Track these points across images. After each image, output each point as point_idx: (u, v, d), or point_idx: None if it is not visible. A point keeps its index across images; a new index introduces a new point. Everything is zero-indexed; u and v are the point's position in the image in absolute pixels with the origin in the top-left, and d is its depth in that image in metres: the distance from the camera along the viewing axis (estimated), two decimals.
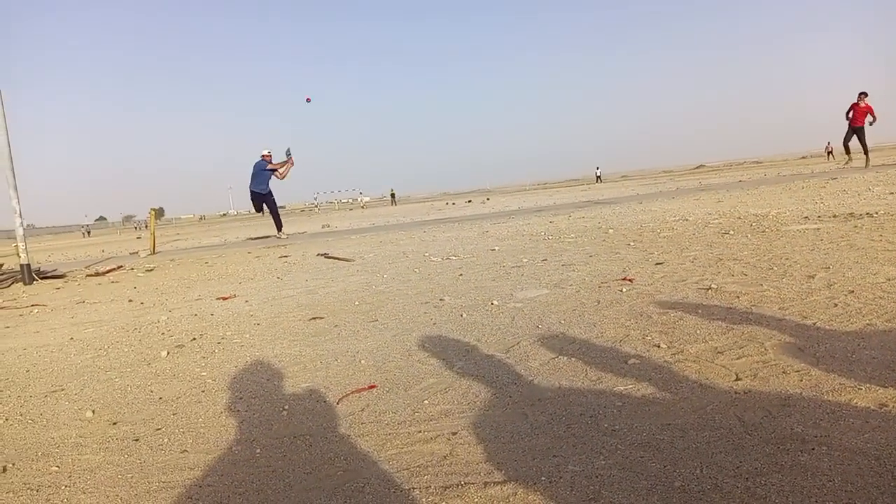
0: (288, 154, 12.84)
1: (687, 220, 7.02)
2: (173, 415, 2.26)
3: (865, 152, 15.85)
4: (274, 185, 12.59)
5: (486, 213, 14.79)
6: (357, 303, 4.06)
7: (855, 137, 15.56)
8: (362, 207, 58.55)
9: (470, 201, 31.79)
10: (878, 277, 3.00)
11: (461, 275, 4.72)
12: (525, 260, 5.16)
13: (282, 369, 2.68)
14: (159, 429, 2.12)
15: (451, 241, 7.69)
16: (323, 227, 17.23)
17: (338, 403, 2.16)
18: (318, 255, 7.76)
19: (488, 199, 32.68)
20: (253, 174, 12.50)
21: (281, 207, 14.33)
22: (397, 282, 4.78)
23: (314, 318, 3.70)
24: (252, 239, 13.11)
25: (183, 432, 2.07)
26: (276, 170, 12.49)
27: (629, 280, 3.71)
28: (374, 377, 2.42)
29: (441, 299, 3.83)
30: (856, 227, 4.78)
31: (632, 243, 5.44)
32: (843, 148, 16.21)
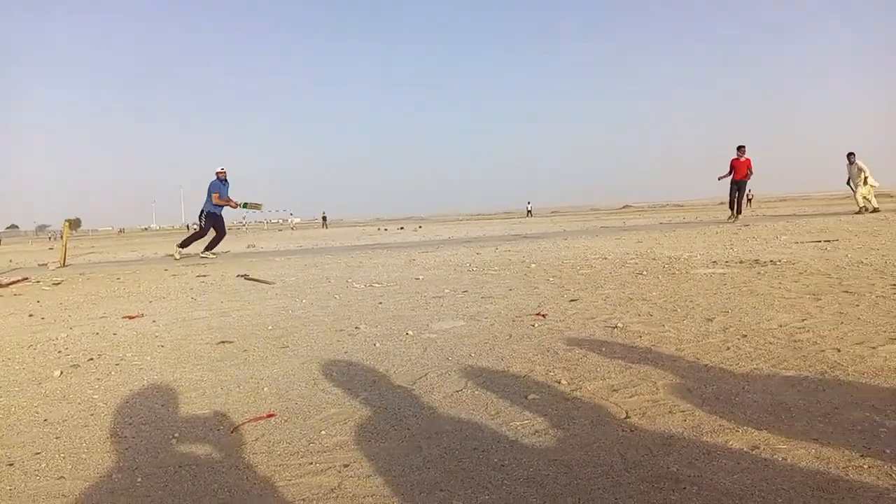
0: (245, 206, 12.30)
1: (606, 258, 7.25)
2: (56, 438, 2.14)
3: (740, 208, 15.42)
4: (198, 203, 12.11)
5: (417, 242, 14.84)
6: (270, 327, 3.98)
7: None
8: (292, 229, 57.67)
9: (402, 228, 31.84)
10: (772, 323, 3.18)
11: (381, 303, 4.70)
12: (447, 290, 5.20)
13: (180, 394, 2.59)
14: (38, 453, 2.01)
15: (377, 268, 7.66)
16: (248, 247, 16.84)
17: (232, 432, 2.11)
18: (238, 276, 7.57)
19: (420, 226, 32.80)
20: (209, 193, 11.67)
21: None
22: (315, 307, 4.72)
23: (223, 342, 3.60)
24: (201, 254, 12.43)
25: (63, 457, 1.97)
26: (224, 202, 11.70)
27: (542, 315, 3.79)
28: (274, 405, 2.37)
29: (357, 327, 3.80)
30: (759, 273, 5.06)
31: (551, 279, 5.57)
32: (729, 207, 15.60)
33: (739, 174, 15.06)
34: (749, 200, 42.76)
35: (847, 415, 1.86)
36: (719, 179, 15.34)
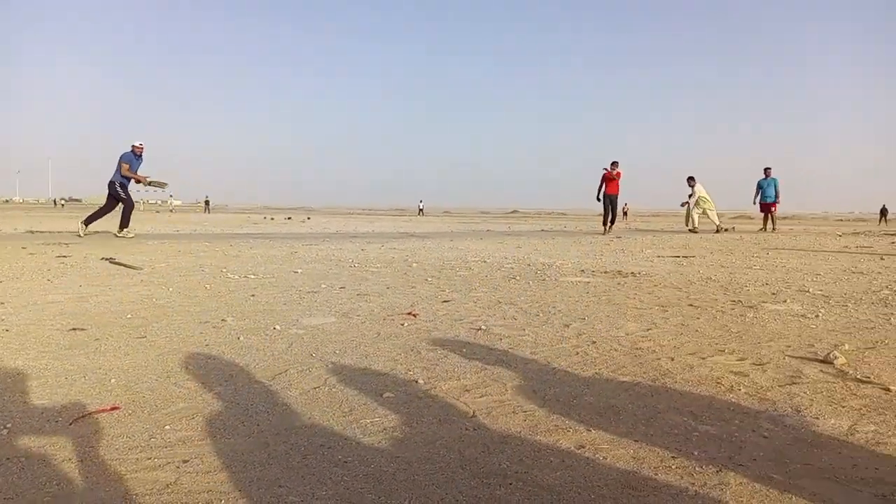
0: (151, 183, 12.11)
1: (485, 261, 7.47)
2: None
3: (612, 220, 15.91)
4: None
5: (302, 234, 14.58)
6: (130, 316, 3.79)
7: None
8: (171, 211, 54.83)
9: (290, 218, 31.10)
10: (620, 332, 3.42)
11: (253, 296, 4.61)
12: (324, 286, 5.16)
13: (18, 383, 2.43)
14: None
15: (256, 259, 7.47)
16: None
17: (71, 424, 2.01)
18: (103, 258, 7.12)
19: (309, 218, 32.22)
20: (119, 164, 11.40)
21: (77, 201, 13.11)
22: (183, 297, 4.55)
23: (74, 329, 3.39)
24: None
25: None
26: (132, 175, 11.54)
27: (413, 315, 3.87)
28: (120, 398, 2.28)
29: (223, 319, 3.70)
30: (619, 284, 5.42)
31: (429, 279, 5.68)
32: (603, 222, 16.12)
33: (612, 188, 15.65)
34: (625, 214, 45.43)
35: (667, 419, 2.05)
36: (598, 199, 15.83)
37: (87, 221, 11.61)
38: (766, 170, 18.06)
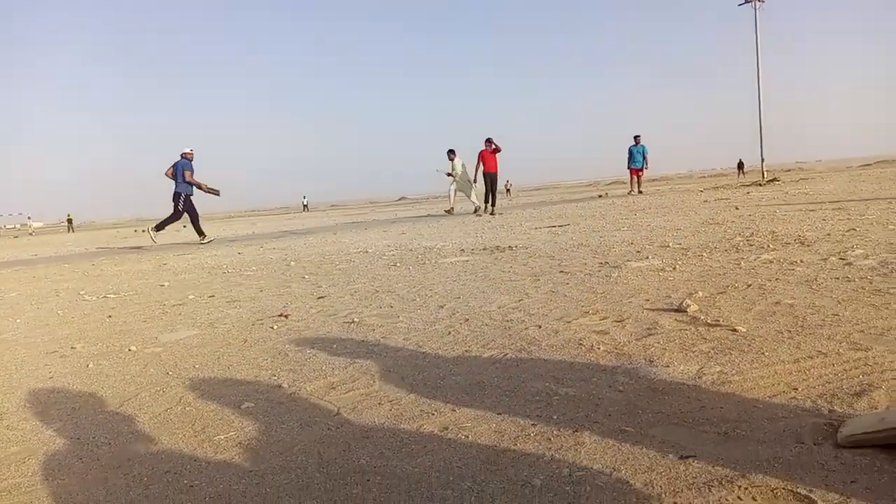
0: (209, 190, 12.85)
1: (367, 252, 7.36)
2: None
3: (493, 200, 15.43)
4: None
5: (175, 243, 13.79)
6: None
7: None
8: (30, 234, 50.42)
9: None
10: (492, 306, 3.45)
11: (110, 316, 4.26)
12: (191, 296, 4.87)
13: None
14: None
15: (119, 276, 6.96)
16: None
17: None
18: None
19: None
20: (180, 173, 12.30)
21: None
22: (30, 326, 4.14)
23: None
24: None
25: None
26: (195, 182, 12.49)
27: (285, 316, 3.71)
28: None
29: (73, 347, 3.39)
30: (496, 259, 5.49)
31: (307, 276, 5.50)
32: (484, 202, 15.72)
33: (490, 166, 15.21)
34: (508, 190, 46.57)
35: (530, 387, 2.06)
36: (474, 182, 15.53)
37: (157, 228, 12.96)
38: (636, 137, 19.09)
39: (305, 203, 60.22)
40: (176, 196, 12.37)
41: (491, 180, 15.29)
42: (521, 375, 2.19)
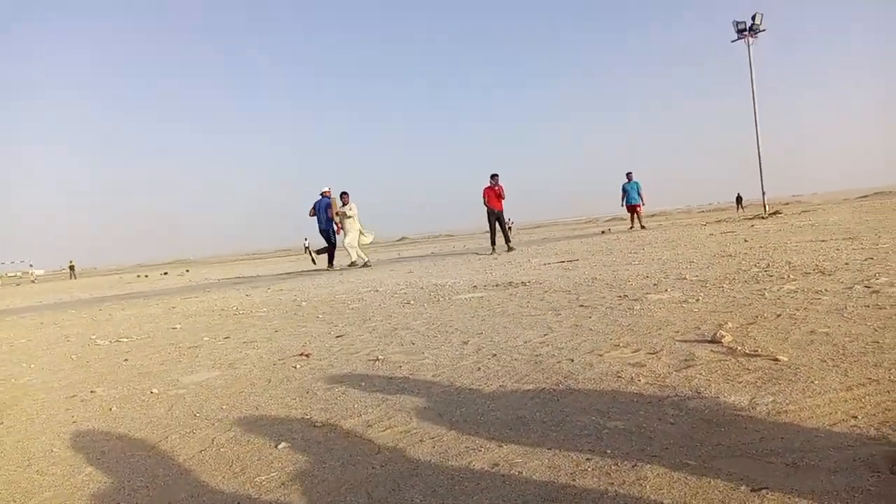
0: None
1: (377, 290, 7.32)
2: None
3: (506, 238, 14.58)
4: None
5: (182, 287, 13.75)
6: None
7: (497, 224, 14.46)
8: (33, 282, 50.33)
9: (166, 273, 29.40)
10: (518, 341, 3.40)
11: (126, 360, 4.20)
12: (206, 338, 4.82)
13: None
14: None
15: (129, 321, 6.90)
16: None
17: None
18: None
19: (188, 270, 30.60)
20: (318, 212, 13.60)
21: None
22: (45, 372, 4.08)
23: None
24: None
25: None
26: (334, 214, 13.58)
27: (306, 355, 3.66)
28: None
29: (92, 391, 3.33)
30: (511, 294, 5.45)
31: (321, 315, 5.46)
32: (490, 241, 14.95)
33: (495, 203, 14.31)
34: (509, 228, 46.49)
35: (576, 421, 2.01)
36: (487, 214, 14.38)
37: (323, 256, 14.54)
38: (628, 174, 19.19)
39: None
40: (325, 233, 13.80)
41: (497, 218, 14.50)
42: (564, 409, 2.14)
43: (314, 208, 13.71)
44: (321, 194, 13.64)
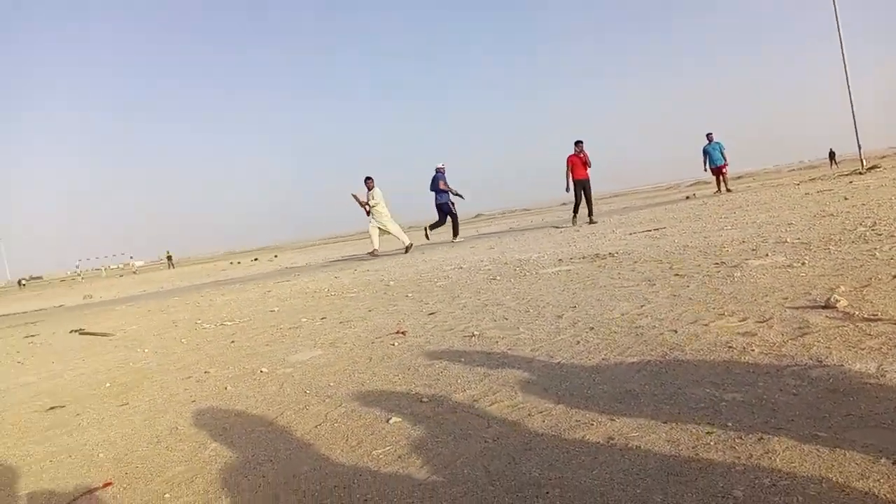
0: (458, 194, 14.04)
1: (461, 267, 7.36)
2: None
3: (590, 208, 13.75)
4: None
5: (272, 272, 14.30)
6: (108, 384, 3.59)
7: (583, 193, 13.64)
8: (134, 273, 53.64)
9: (256, 259, 30.58)
10: (614, 313, 3.34)
11: (233, 342, 4.42)
12: (304, 320, 5.00)
13: (3, 475, 2.24)
14: None
15: (229, 305, 7.25)
16: (85, 298, 15.41)
17: None
18: (71, 331, 6.84)
19: (276, 256, 31.70)
20: (436, 184, 13.67)
21: (38, 278, 13.35)
22: (160, 356, 4.35)
23: (53, 408, 3.20)
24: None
25: None
26: (449, 188, 13.71)
27: (402, 333, 3.73)
28: (112, 473, 2.11)
29: (206, 372, 3.53)
30: (600, 266, 5.35)
31: (409, 294, 5.55)
32: (573, 212, 14.11)
33: (579, 172, 13.50)
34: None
35: (689, 393, 1.96)
36: (567, 190, 13.76)
37: (431, 228, 14.46)
38: (709, 135, 18.25)
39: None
40: (441, 206, 13.85)
41: (582, 187, 13.62)
42: (674, 382, 2.09)
43: (433, 182, 14.03)
44: (436, 169, 13.84)
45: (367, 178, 13.25)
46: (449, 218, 14.08)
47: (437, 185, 13.76)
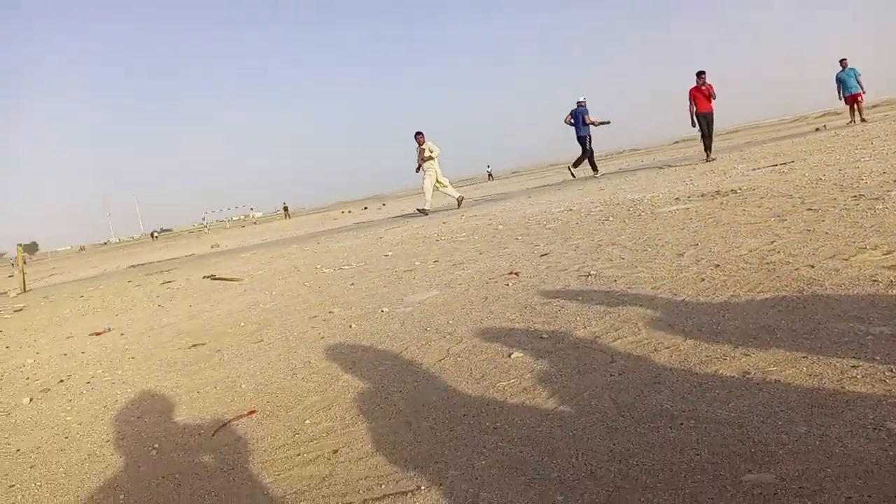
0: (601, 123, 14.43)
1: (571, 210, 7.23)
2: (31, 468, 2.04)
3: (707, 147, 12.76)
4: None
5: (382, 219, 14.70)
6: (242, 324, 3.87)
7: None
8: (254, 224, 56.80)
9: (366, 208, 31.51)
10: (741, 250, 3.18)
11: (352, 284, 4.62)
12: (417, 263, 5.12)
13: (155, 404, 2.49)
14: (12, 486, 1.91)
15: (345, 251, 7.55)
16: (212, 247, 16.53)
17: (213, 435, 2.02)
18: (204, 277, 7.39)
19: (384, 204, 32.51)
20: (575, 120, 14.03)
21: (168, 230, 14.08)
22: (286, 298, 4.62)
23: (195, 346, 3.49)
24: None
25: (40, 486, 1.87)
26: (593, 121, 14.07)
27: (515, 273, 3.75)
28: (254, 402, 2.30)
29: (330, 311, 3.72)
30: (721, 204, 5.08)
31: (519, 237, 5.53)
32: (703, 147, 13.05)
33: (703, 105, 12.55)
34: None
35: (832, 328, 1.85)
36: (693, 125, 12.74)
37: (574, 166, 14.99)
38: (842, 61, 16.55)
39: (490, 171, 60.91)
40: (581, 139, 14.14)
41: (707, 121, 12.60)
42: (814, 317, 1.97)
43: (571, 115, 14.11)
44: (577, 103, 14.01)
45: (418, 133, 12.73)
46: (591, 150, 14.33)
47: (583, 119, 13.87)
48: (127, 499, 1.65)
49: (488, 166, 61.23)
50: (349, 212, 30.35)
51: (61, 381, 3.22)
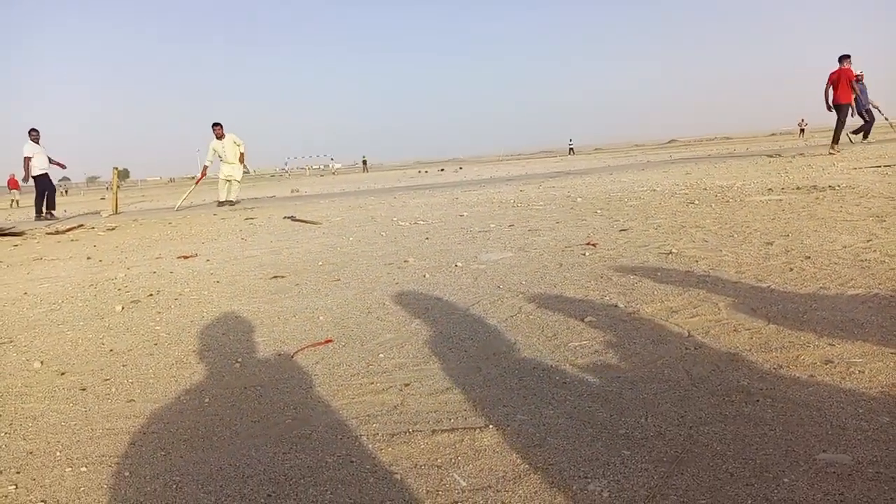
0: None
1: (654, 190, 7.06)
2: (123, 366, 2.21)
3: (836, 138, 11.37)
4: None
5: (458, 182, 14.74)
6: (321, 263, 4.01)
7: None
8: (333, 174, 57.96)
9: (443, 170, 31.67)
10: (835, 245, 3.05)
11: (427, 238, 4.69)
12: (492, 225, 5.15)
13: (238, 325, 2.64)
14: (107, 379, 2.08)
15: (421, 207, 7.64)
16: (292, 191, 17.02)
17: (292, 357, 2.14)
18: (284, 217, 7.65)
19: (461, 168, 32.56)
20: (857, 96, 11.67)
21: (246, 173, 13.80)
22: (363, 244, 4.74)
23: (276, 277, 3.65)
24: None
25: (132, 383, 2.03)
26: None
27: (593, 244, 3.72)
28: (331, 332, 2.40)
29: (405, 261, 3.80)
30: (817, 198, 4.86)
31: (598, 211, 5.46)
32: (848, 136, 12.25)
33: (844, 95, 11.17)
34: (802, 131, 40.05)
35: None
36: (829, 110, 11.35)
37: (855, 133, 13.62)
38: None
39: (571, 146, 59.77)
40: (861, 112, 12.32)
41: (843, 113, 11.26)
42: None
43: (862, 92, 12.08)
44: (857, 77, 11.61)
45: (215, 125, 11.22)
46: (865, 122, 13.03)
47: (867, 95, 12.47)
48: (212, 402, 1.78)
49: (570, 140, 60.10)
50: (426, 172, 30.55)
51: (150, 294, 3.44)
